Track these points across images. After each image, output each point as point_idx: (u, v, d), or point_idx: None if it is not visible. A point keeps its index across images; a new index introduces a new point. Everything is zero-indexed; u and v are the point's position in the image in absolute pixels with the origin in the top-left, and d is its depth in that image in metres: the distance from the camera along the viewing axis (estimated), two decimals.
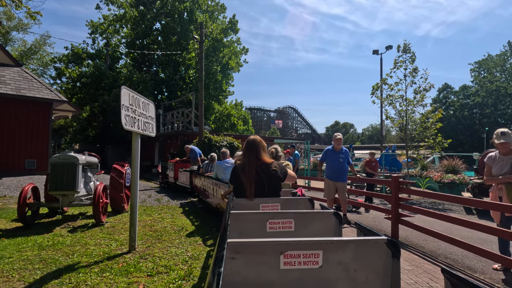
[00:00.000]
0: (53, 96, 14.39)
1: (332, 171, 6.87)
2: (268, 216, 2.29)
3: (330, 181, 6.87)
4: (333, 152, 6.90)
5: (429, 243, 5.47)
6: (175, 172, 12.09)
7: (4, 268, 3.78)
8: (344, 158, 6.80)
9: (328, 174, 6.96)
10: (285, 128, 75.19)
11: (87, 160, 6.81)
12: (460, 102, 56.08)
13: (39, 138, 14.16)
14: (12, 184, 10.65)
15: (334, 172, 6.83)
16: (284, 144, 24.56)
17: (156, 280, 3.55)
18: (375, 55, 26.20)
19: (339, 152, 6.84)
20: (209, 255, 4.45)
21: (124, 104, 4.39)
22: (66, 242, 4.91)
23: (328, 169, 6.97)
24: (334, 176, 6.82)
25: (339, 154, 6.81)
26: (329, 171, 6.93)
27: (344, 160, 6.80)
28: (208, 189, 7.72)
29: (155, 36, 32.04)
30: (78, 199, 6.48)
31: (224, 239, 1.50)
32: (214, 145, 15.70)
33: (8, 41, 33.20)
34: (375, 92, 13.14)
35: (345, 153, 6.86)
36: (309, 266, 1.50)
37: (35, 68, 35.51)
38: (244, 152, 3.29)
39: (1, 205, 7.76)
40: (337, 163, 6.80)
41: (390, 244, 1.53)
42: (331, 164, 6.89)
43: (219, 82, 32.35)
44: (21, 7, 8.15)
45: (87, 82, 26.72)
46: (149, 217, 6.92)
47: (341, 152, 6.84)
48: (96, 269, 3.83)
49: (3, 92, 13.02)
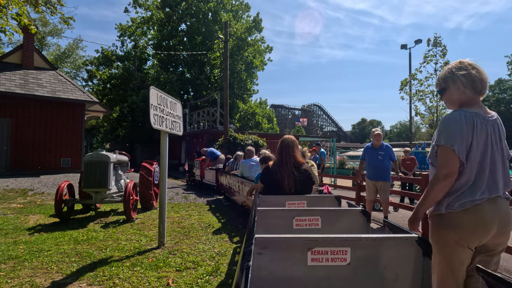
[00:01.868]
0: (86, 97, 15.01)
1: (371, 169, 6.42)
2: (294, 213, 2.30)
3: (370, 180, 6.42)
4: (372, 149, 6.44)
5: None
6: (201, 170, 12.29)
7: (44, 261, 4.00)
8: (384, 155, 6.30)
9: (367, 173, 6.53)
10: (310, 126, 74.49)
11: (118, 158, 7.06)
12: (496, 96, 53.36)
13: (73, 138, 14.83)
14: (49, 181, 11.22)
15: (373, 171, 6.38)
16: (309, 142, 24.36)
17: (185, 275, 3.64)
18: (403, 49, 25.42)
19: (378, 148, 6.36)
20: (236, 252, 4.50)
21: (153, 104, 4.52)
22: (99, 237, 5.12)
23: (368, 168, 6.53)
24: (374, 175, 6.36)
25: (378, 151, 6.34)
26: (369, 169, 6.49)
27: (384, 157, 6.29)
28: (233, 187, 7.80)
29: (180, 37, 32.65)
30: (109, 196, 6.74)
31: (252, 234, 1.52)
32: (239, 144, 15.80)
33: (43, 46, 34.95)
34: (403, 87, 12.78)
35: (385, 149, 6.36)
36: (337, 263, 1.49)
37: (69, 71, 37.17)
38: (281, 150, 3.41)
39: (39, 201, 8.20)
40: (376, 160, 6.33)
41: (421, 242, 1.50)
42: (370, 162, 6.43)
43: (244, 81, 32.51)
44: (56, 13, 8.53)
45: (117, 83, 27.68)
46: (176, 214, 7.08)
47: (381, 149, 6.35)
48: (127, 263, 3.98)
49: (40, 94, 13.74)
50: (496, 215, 1.76)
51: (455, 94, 1.95)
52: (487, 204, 1.76)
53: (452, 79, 1.94)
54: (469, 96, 1.91)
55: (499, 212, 1.78)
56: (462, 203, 1.78)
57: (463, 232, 1.77)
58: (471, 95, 1.90)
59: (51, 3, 8.56)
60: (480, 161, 1.81)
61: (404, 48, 25.26)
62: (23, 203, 7.86)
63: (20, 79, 13.90)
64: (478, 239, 1.78)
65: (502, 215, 1.78)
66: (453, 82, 1.93)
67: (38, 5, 8.11)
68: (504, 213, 1.79)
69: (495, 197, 1.79)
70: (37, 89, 13.88)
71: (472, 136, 1.79)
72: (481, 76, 1.89)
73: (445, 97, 2.02)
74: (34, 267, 3.78)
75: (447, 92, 1.99)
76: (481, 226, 1.75)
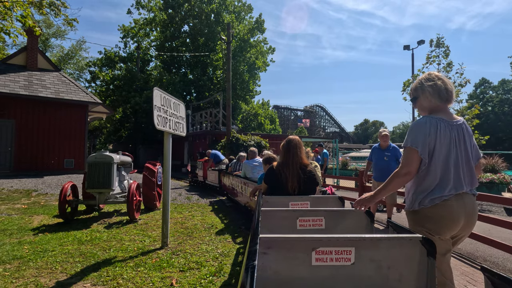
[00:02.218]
0: (89, 98, 15.08)
1: (377, 171, 6.37)
2: (298, 213, 2.30)
3: (376, 182, 6.35)
4: (379, 150, 6.40)
5: (467, 245, 5.24)
6: (204, 171, 12.32)
7: (48, 261, 4.03)
8: (390, 156, 6.25)
9: (374, 174, 6.48)
10: (313, 127, 74.40)
11: (121, 159, 7.09)
12: (500, 97, 53.10)
13: (76, 139, 14.90)
14: (53, 182, 11.27)
15: (380, 172, 6.30)
16: (312, 143, 24.33)
17: (188, 275, 3.65)
18: (406, 50, 25.32)
19: (385, 149, 6.33)
20: (239, 253, 4.50)
21: (156, 105, 4.54)
22: (103, 238, 5.14)
23: (374, 169, 6.48)
24: (380, 176, 6.26)
25: (385, 151, 6.30)
26: (375, 170, 6.44)
27: (390, 158, 6.24)
28: (236, 188, 7.80)
29: (183, 38, 32.73)
30: (113, 196, 6.77)
31: (256, 234, 1.52)
32: (241, 145, 15.82)
33: (47, 48, 35.13)
34: (406, 88, 12.72)
35: (392, 150, 6.32)
36: (341, 263, 1.49)
37: (72, 72, 37.35)
38: (286, 150, 3.42)
39: (43, 202, 8.24)
40: (382, 161, 6.29)
41: (425, 242, 1.50)
42: (376, 163, 6.40)
43: (246, 82, 32.53)
44: (59, 15, 8.58)
45: (120, 84, 27.77)
46: (180, 215, 7.10)
47: (388, 150, 6.31)
48: (131, 263, 3.99)
49: (44, 95, 13.82)
50: (462, 209, 1.97)
51: (425, 102, 2.19)
52: (454, 200, 1.97)
53: (421, 89, 2.19)
54: (436, 104, 2.15)
55: (465, 206, 1.99)
56: (431, 199, 1.99)
57: (434, 225, 1.99)
58: (438, 103, 2.14)
59: (55, 5, 8.61)
60: (444, 161, 2.02)
61: (407, 49, 25.19)
62: (27, 204, 7.90)
63: (24, 80, 13.98)
64: (449, 230, 1.99)
65: (468, 209, 2.00)
66: (422, 92, 2.19)
67: (42, 7, 8.16)
68: (470, 208, 2.01)
69: (462, 193, 2.00)
70: (41, 90, 13.96)
71: (435, 139, 2.01)
72: (446, 86, 2.14)
73: (417, 105, 2.27)
74: (39, 267, 3.81)
75: (418, 100, 2.24)
76: (449, 220, 1.96)
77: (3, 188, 9.82)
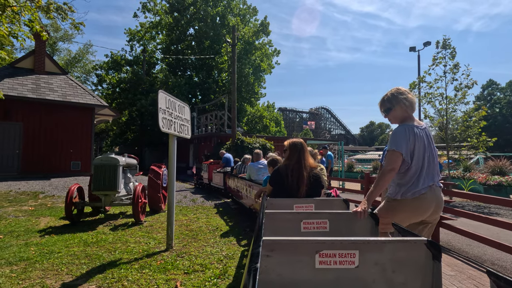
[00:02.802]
0: (95, 101, 15.21)
1: None
2: (302, 216, 2.29)
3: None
4: None
5: (474, 248, 5.18)
6: (209, 173, 12.33)
7: (54, 262, 4.05)
8: None
9: None
10: (318, 129, 74.22)
11: (127, 161, 7.13)
12: (508, 99, 52.53)
13: (83, 141, 15.03)
14: (60, 184, 11.37)
15: None
16: (317, 145, 24.26)
17: (193, 278, 3.65)
18: (411, 52, 25.19)
19: None
20: (244, 255, 4.50)
21: (161, 107, 4.56)
22: (108, 240, 5.16)
23: None
24: None
25: None
26: None
27: None
28: (241, 190, 7.80)
29: (189, 41, 32.90)
30: (118, 198, 6.80)
31: (260, 237, 1.52)
32: (246, 147, 15.83)
33: (55, 51, 35.53)
34: (412, 90, 12.64)
35: None
36: (345, 266, 1.48)
37: (79, 76, 37.70)
38: (292, 153, 3.42)
39: (50, 204, 8.31)
40: None
41: (430, 245, 1.48)
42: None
43: (251, 84, 32.58)
44: (66, 19, 8.66)
45: (126, 87, 27.96)
46: (185, 217, 7.11)
47: None
48: (136, 265, 4.00)
49: (51, 98, 13.96)
50: (434, 199, 2.41)
51: (399, 113, 2.55)
52: (428, 192, 2.39)
53: (396, 101, 2.53)
54: (408, 114, 2.54)
55: (436, 197, 2.43)
56: (413, 193, 2.39)
57: (410, 213, 2.42)
58: (410, 113, 2.55)
59: (62, 9, 8.70)
60: (421, 160, 2.42)
61: (413, 50, 25.05)
62: (34, 206, 7.98)
63: (32, 83, 14.15)
64: (420, 216, 2.45)
65: (438, 199, 2.44)
66: (397, 103, 2.53)
67: (49, 11, 8.25)
68: (439, 198, 2.45)
69: (432, 185, 2.42)
70: (48, 93, 14.12)
71: (414, 143, 2.40)
72: (414, 99, 2.57)
73: (390, 115, 2.60)
74: (45, 269, 3.83)
75: (393, 110, 2.57)
76: (423, 209, 2.41)
77: (11, 190, 9.92)
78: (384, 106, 2.62)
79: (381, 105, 2.67)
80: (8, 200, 8.60)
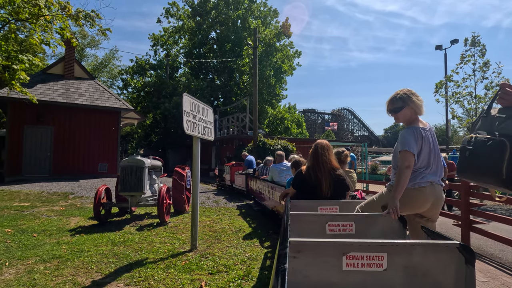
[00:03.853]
0: (121, 105, 15.68)
1: None
2: (328, 218, 2.27)
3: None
4: None
5: (508, 254, 4.95)
6: (231, 175, 12.42)
7: (85, 261, 4.21)
8: None
9: None
10: (340, 131, 73.16)
11: (152, 163, 7.29)
12: None
13: (109, 144, 15.52)
14: (88, 185, 11.78)
15: None
16: (339, 147, 23.93)
17: (217, 278, 3.69)
18: (437, 50, 24.46)
19: None
20: (267, 257, 4.50)
21: (186, 110, 4.65)
22: (134, 239, 5.30)
23: None
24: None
25: None
26: None
27: None
28: (264, 192, 7.81)
29: (210, 45, 33.33)
30: (144, 199, 6.97)
31: (286, 238, 1.52)
32: (268, 149, 15.83)
33: (83, 57, 36.91)
34: (438, 90, 12.29)
35: None
36: (373, 268, 1.46)
37: (105, 80, 38.98)
38: (315, 154, 3.40)
39: (79, 204, 8.62)
40: None
41: (463, 249, 1.44)
42: None
43: (273, 86, 32.58)
44: (94, 26, 9.00)
45: (150, 91, 28.67)
46: (208, 218, 7.19)
47: None
48: (162, 265, 4.09)
49: (80, 103, 14.52)
50: (433, 194, 2.51)
51: (409, 113, 2.61)
52: (428, 187, 2.50)
53: (409, 101, 2.58)
54: (416, 116, 2.64)
55: (436, 193, 2.53)
56: (413, 184, 2.49)
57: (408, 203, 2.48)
58: (418, 114, 2.64)
59: (90, 16, 9.05)
60: (426, 160, 2.54)
61: (439, 49, 24.30)
62: (65, 206, 8.30)
63: (62, 89, 14.77)
64: (417, 209, 2.55)
65: (437, 195, 2.54)
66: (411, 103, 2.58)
67: (79, 19, 8.61)
68: (438, 194, 2.55)
69: (433, 182, 2.53)
70: (77, 98, 14.69)
71: (421, 145, 2.53)
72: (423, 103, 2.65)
73: (400, 114, 2.64)
74: (76, 267, 3.99)
75: (404, 109, 2.61)
76: (421, 201, 2.50)
77: (43, 191, 10.38)
78: (395, 104, 2.65)
79: (391, 103, 2.67)
80: (41, 200, 9.01)
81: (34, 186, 11.26)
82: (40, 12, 7.25)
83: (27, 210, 7.71)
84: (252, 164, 11.46)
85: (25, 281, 3.51)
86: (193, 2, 31.90)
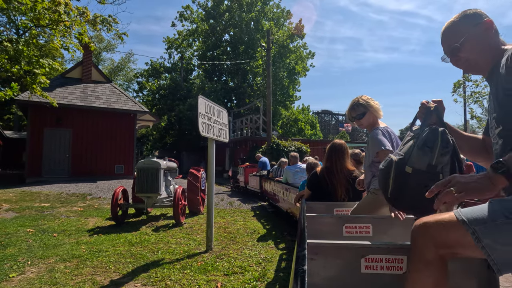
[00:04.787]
0: (137, 107, 15.95)
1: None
2: (344, 220, 2.26)
3: None
4: None
5: None
6: (245, 176, 12.46)
7: (103, 260, 4.29)
8: None
9: None
10: (355, 132, 72.30)
11: (167, 165, 7.39)
12: None
13: (125, 146, 15.81)
14: (105, 187, 12.02)
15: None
16: (353, 148, 23.67)
17: (232, 279, 3.70)
18: None
19: None
20: (282, 259, 4.49)
21: (201, 112, 4.69)
22: (151, 240, 5.38)
23: None
24: None
25: None
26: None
27: None
28: (278, 194, 7.80)
29: (224, 47, 33.55)
30: (160, 201, 7.06)
31: (304, 240, 1.52)
32: (282, 150, 15.81)
33: (99, 61, 37.78)
34: (456, 89, 12.03)
35: None
36: (392, 271, 1.44)
37: (122, 83, 39.79)
38: (330, 155, 3.36)
39: (97, 205, 8.80)
40: None
41: None
42: None
43: (286, 87, 32.54)
44: (111, 30, 9.20)
45: (165, 93, 29.08)
46: (222, 220, 7.23)
47: None
48: (178, 266, 4.14)
49: (97, 106, 14.85)
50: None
51: (371, 117, 2.75)
52: None
53: (369, 106, 2.70)
54: (377, 118, 2.78)
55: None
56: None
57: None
58: (379, 117, 2.78)
59: (107, 21, 9.26)
60: None
61: None
62: (83, 207, 8.49)
63: (80, 92, 15.13)
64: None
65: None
66: (370, 108, 2.70)
67: (96, 24, 8.83)
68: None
69: None
70: (95, 101, 15.02)
71: (392, 142, 2.63)
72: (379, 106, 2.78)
73: (364, 119, 2.75)
74: (95, 266, 4.07)
75: (367, 114, 2.73)
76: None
77: (62, 192, 10.64)
78: (357, 111, 2.75)
79: (353, 110, 2.77)
80: (60, 201, 9.24)
81: (53, 187, 11.56)
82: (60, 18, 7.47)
83: (47, 210, 7.92)
84: (266, 166, 11.47)
85: (47, 280, 3.60)
86: (206, 5, 32.19)
